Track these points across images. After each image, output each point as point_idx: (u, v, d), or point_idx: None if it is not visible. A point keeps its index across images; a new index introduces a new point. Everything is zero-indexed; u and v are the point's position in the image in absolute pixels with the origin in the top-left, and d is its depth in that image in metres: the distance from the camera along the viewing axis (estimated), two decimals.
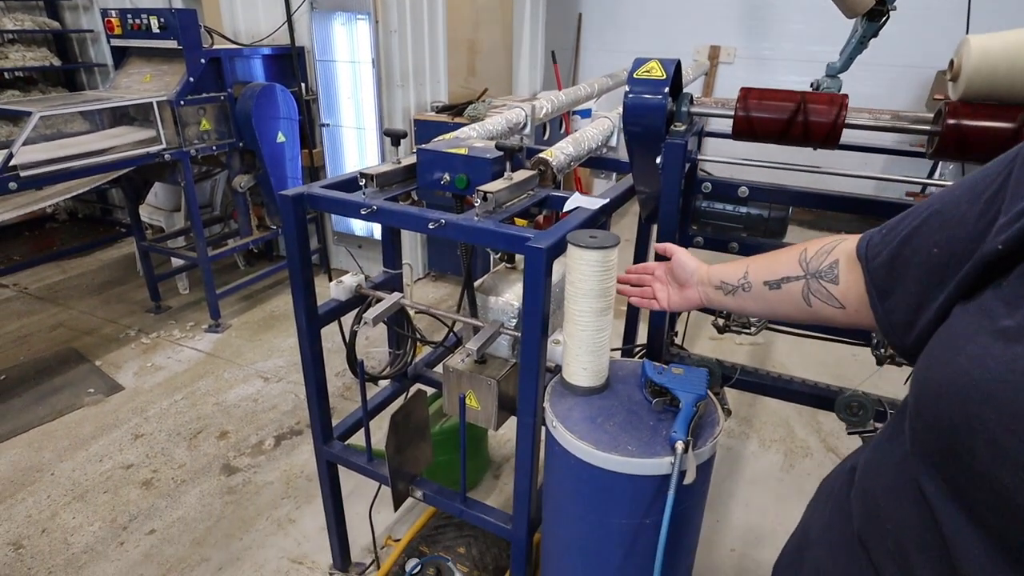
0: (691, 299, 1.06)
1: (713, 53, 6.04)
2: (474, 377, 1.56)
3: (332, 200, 1.38)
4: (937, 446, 0.52)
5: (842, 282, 0.80)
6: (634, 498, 0.97)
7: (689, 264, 1.05)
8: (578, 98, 2.43)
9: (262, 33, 3.94)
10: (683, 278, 1.07)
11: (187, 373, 3.13)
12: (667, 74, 1.20)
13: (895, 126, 1.16)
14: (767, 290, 0.92)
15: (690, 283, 1.05)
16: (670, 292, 1.10)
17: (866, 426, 1.44)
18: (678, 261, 1.07)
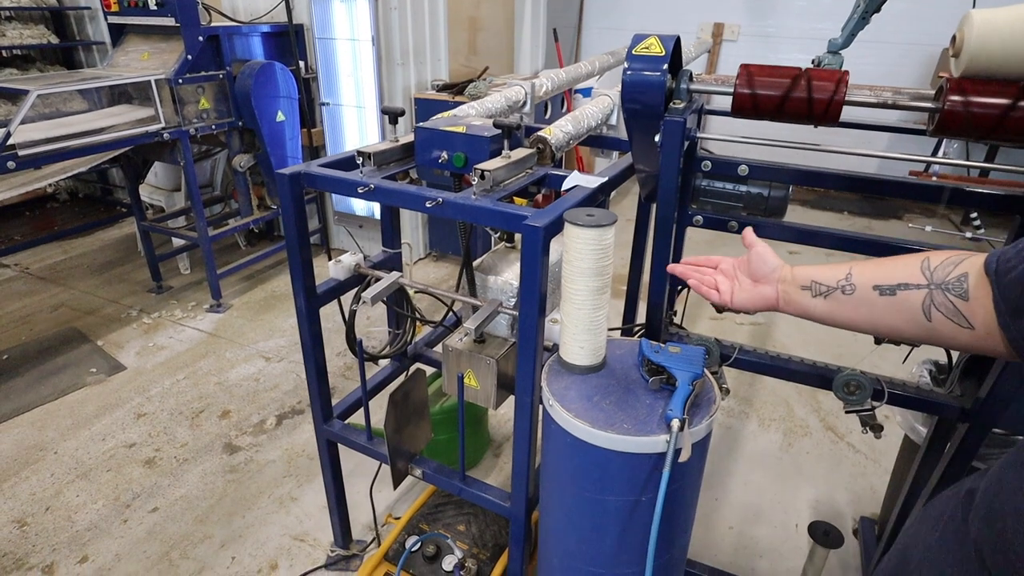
0: (766, 296, 0.95)
1: (717, 31, 5.96)
2: (473, 356, 1.56)
3: (330, 179, 1.37)
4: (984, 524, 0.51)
5: (972, 299, 0.72)
6: (630, 476, 0.98)
7: (771, 259, 0.96)
8: (578, 76, 2.40)
9: (260, 10, 3.89)
10: (762, 273, 0.96)
11: (189, 353, 3.15)
12: (666, 51, 1.18)
13: (896, 103, 1.14)
14: (876, 295, 0.82)
15: (769, 279, 0.95)
16: (736, 286, 1.00)
17: (863, 405, 1.44)
18: (758, 254, 0.97)
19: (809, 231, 1.47)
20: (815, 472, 2.45)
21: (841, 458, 2.54)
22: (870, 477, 2.41)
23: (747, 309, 0.99)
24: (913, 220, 5.23)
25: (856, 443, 2.62)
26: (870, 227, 5.38)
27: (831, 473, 2.45)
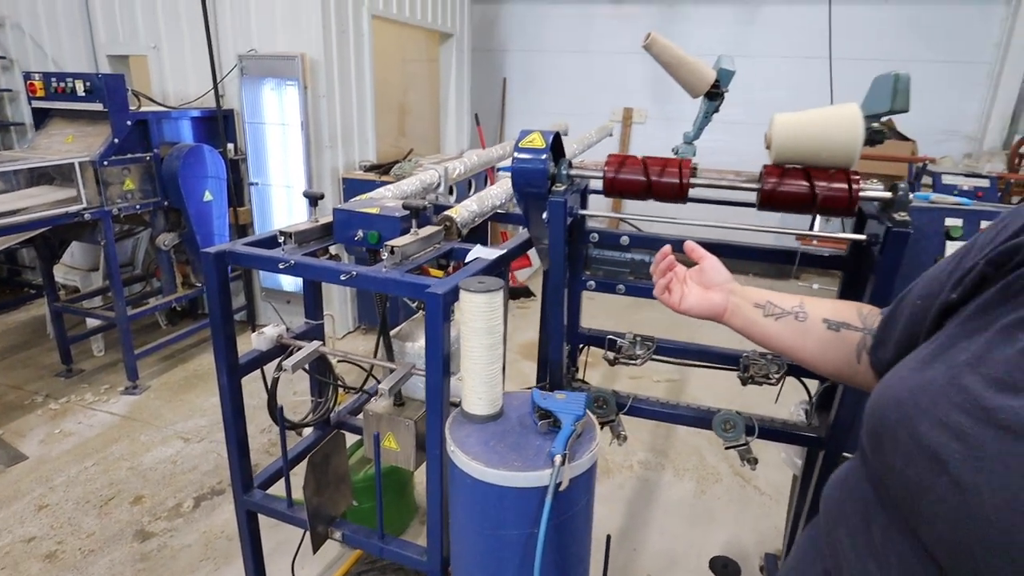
0: (714, 303, 1.03)
1: (627, 114, 6.55)
2: (392, 419, 1.67)
3: (253, 256, 1.49)
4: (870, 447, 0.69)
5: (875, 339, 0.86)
6: (523, 509, 1.10)
7: (724, 271, 1.05)
8: (491, 159, 2.65)
9: (191, 96, 4.04)
10: (715, 282, 1.05)
11: (99, 438, 3.04)
12: (546, 143, 1.40)
13: (731, 184, 1.40)
14: (824, 328, 0.93)
15: (721, 288, 1.04)
16: (687, 291, 1.06)
17: (739, 441, 1.64)
18: (712, 265, 1.06)
19: None
20: (725, 515, 2.62)
21: (748, 501, 2.72)
22: (773, 517, 2.60)
23: (694, 313, 1.06)
24: (807, 279, 5.75)
25: (762, 486, 2.82)
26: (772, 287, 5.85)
27: (740, 515, 2.63)
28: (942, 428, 0.59)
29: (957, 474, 0.56)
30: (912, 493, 0.61)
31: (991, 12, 5.18)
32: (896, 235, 1.18)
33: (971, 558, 0.55)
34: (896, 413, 0.65)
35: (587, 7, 6.30)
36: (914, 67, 5.22)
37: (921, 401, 0.63)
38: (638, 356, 1.69)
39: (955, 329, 0.68)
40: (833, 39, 4.38)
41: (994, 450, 0.55)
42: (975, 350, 0.63)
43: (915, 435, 0.62)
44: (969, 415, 0.58)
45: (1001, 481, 0.53)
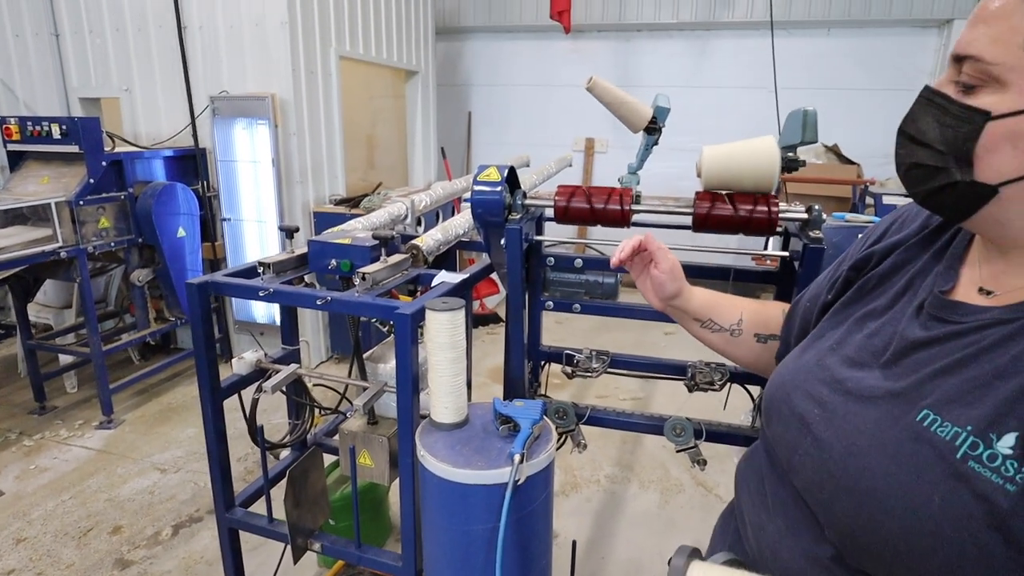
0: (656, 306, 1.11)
1: (589, 144, 6.81)
2: (367, 436, 1.77)
3: (233, 286, 1.60)
4: (764, 421, 0.85)
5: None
6: (487, 506, 1.22)
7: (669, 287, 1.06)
8: (455, 191, 2.81)
9: (163, 135, 4.14)
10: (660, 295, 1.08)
11: (75, 472, 3.06)
12: (502, 176, 1.56)
13: (668, 210, 1.57)
14: (754, 341, 1.06)
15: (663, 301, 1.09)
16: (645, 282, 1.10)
17: (689, 443, 1.78)
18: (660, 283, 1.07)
19: (632, 309, 1.86)
20: (689, 523, 2.75)
21: (711, 508, 2.86)
22: None
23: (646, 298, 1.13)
24: (766, 298, 6.00)
25: (723, 495, 2.96)
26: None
27: (703, 523, 2.76)
28: (808, 398, 0.76)
29: (817, 432, 0.73)
30: (788, 451, 0.77)
31: (924, 43, 5.59)
32: (812, 251, 1.36)
33: (827, 497, 0.70)
34: (780, 391, 0.82)
35: (547, 42, 6.59)
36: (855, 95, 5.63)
37: (796, 379, 0.80)
38: (594, 369, 1.84)
39: (824, 323, 0.86)
40: (778, 69, 4.71)
41: (841, 411, 0.71)
42: (836, 337, 0.80)
43: (790, 405, 0.78)
44: (827, 386, 0.75)
45: (844, 434, 0.69)
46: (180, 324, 4.01)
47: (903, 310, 0.74)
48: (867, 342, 0.75)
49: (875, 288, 0.80)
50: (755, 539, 0.83)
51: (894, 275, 0.79)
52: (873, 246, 0.85)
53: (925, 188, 0.67)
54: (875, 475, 0.64)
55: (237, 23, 3.92)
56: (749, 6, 5.72)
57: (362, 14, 4.59)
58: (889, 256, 0.80)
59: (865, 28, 5.64)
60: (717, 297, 1.11)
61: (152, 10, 4.05)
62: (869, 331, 0.76)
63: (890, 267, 0.79)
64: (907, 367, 0.68)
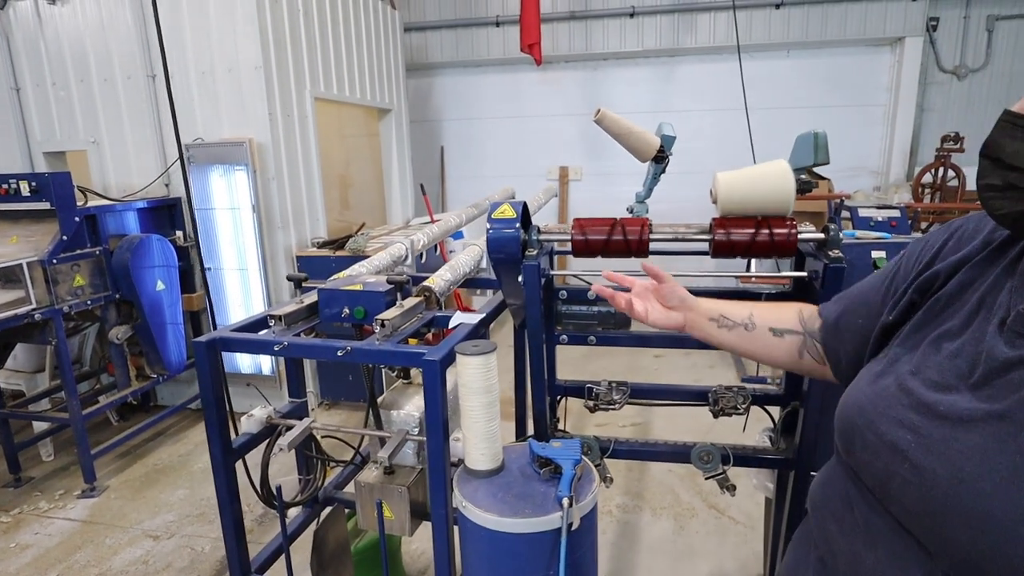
0: (674, 320, 1.15)
1: (563, 173, 6.88)
2: (385, 488, 1.70)
3: (245, 341, 1.54)
4: (843, 448, 0.83)
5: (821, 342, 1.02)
6: (538, 553, 1.18)
7: (679, 292, 1.15)
8: (449, 228, 2.79)
9: (135, 187, 4.04)
10: (673, 302, 1.16)
11: (60, 547, 2.88)
12: (517, 213, 1.55)
13: (685, 237, 1.58)
14: (770, 336, 1.07)
15: (679, 308, 1.15)
16: (651, 307, 1.17)
17: (717, 470, 1.76)
18: (670, 289, 1.16)
19: (650, 336, 1.84)
20: (706, 548, 2.71)
21: (726, 531, 2.83)
22: (751, 543, 2.71)
23: (659, 326, 1.18)
24: None
25: (736, 516, 2.93)
26: None
27: (720, 547, 2.72)
28: (898, 425, 0.74)
29: (915, 459, 0.71)
30: (882, 480, 0.75)
31: (879, 60, 5.84)
32: (833, 270, 1.37)
33: (938, 525, 0.68)
34: (861, 418, 0.80)
35: (515, 75, 6.69)
36: (820, 112, 5.82)
37: (879, 406, 0.78)
38: (616, 401, 1.81)
39: (897, 348, 0.84)
40: (747, 91, 4.85)
41: (938, 436, 0.70)
42: (914, 361, 0.79)
43: (877, 433, 0.76)
44: (916, 411, 0.73)
45: (947, 460, 0.68)
46: (162, 381, 3.86)
47: (982, 328, 0.73)
48: (950, 364, 0.74)
49: (944, 309, 0.80)
50: (850, 570, 0.80)
51: (963, 294, 0.78)
52: (933, 265, 0.85)
53: (1019, 210, 0.68)
54: (992, 500, 0.63)
55: (209, 69, 3.88)
56: (711, 32, 5.92)
57: (335, 54, 4.59)
58: (955, 275, 0.80)
59: (822, 49, 5.87)
60: (727, 303, 1.16)
61: (119, 60, 3.99)
62: (949, 352, 0.75)
63: (957, 286, 0.79)
64: (1002, 387, 0.67)
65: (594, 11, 6.13)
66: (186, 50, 3.85)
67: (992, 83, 5.72)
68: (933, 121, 5.86)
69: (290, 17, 4.02)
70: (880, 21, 5.56)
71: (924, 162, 5.63)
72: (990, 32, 5.60)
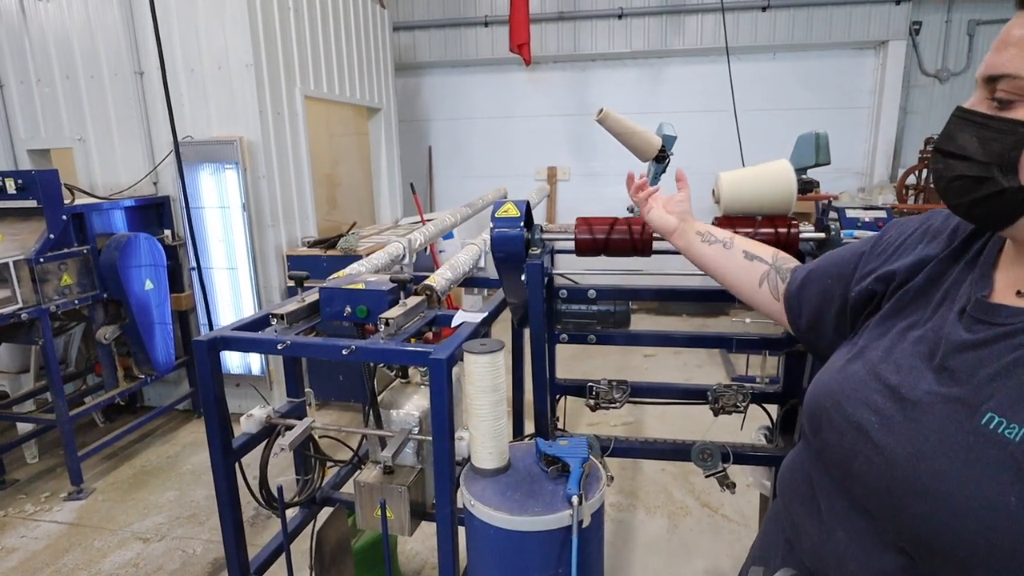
0: (669, 222, 1.27)
1: (551, 173, 6.89)
2: (385, 487, 1.70)
3: (246, 340, 1.53)
4: (810, 429, 0.85)
5: (785, 285, 1.09)
6: (547, 551, 1.18)
7: (686, 204, 1.28)
8: (445, 227, 2.79)
9: (122, 185, 3.98)
10: (676, 209, 1.27)
11: (48, 550, 2.83)
12: (521, 212, 1.55)
13: None
14: (742, 257, 1.16)
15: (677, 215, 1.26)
16: (654, 206, 1.30)
17: (717, 468, 1.78)
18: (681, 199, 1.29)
19: (648, 335, 1.86)
20: (700, 546, 2.74)
21: (719, 529, 2.85)
22: (745, 541, 2.74)
23: (653, 225, 1.30)
24: (737, 315, 6.14)
25: (729, 514, 2.96)
26: (705, 324, 6.22)
27: (714, 544, 2.75)
28: (864, 406, 0.78)
29: (877, 438, 0.74)
30: (845, 459, 0.78)
31: (863, 63, 5.92)
32: None
33: (896, 503, 0.71)
34: (829, 400, 0.83)
35: (504, 75, 6.69)
36: (805, 114, 5.88)
37: (847, 388, 0.81)
38: (616, 400, 1.82)
39: (866, 336, 0.87)
40: (734, 93, 4.89)
41: (899, 417, 0.73)
42: (882, 348, 0.82)
43: (844, 414, 0.80)
44: (880, 394, 0.77)
45: (907, 439, 0.72)
46: (151, 381, 3.81)
47: (943, 316, 0.77)
48: (913, 349, 0.77)
49: (912, 302, 0.83)
50: (814, 551, 0.83)
51: (930, 289, 0.82)
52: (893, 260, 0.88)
53: (970, 198, 0.71)
54: (948, 478, 0.66)
55: (198, 67, 3.83)
56: (699, 34, 5.97)
57: (324, 53, 4.56)
58: (922, 271, 0.83)
59: (808, 51, 5.95)
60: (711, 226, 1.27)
61: (106, 56, 3.93)
62: (913, 339, 0.78)
63: (924, 281, 0.82)
64: (960, 370, 0.71)
65: (583, 12, 6.15)
66: (174, 47, 3.80)
67: (973, 86, 5.77)
68: (916, 123, 5.96)
69: (280, 14, 3.98)
70: (864, 24, 5.64)
71: (907, 164, 5.73)
72: (971, 36, 5.70)
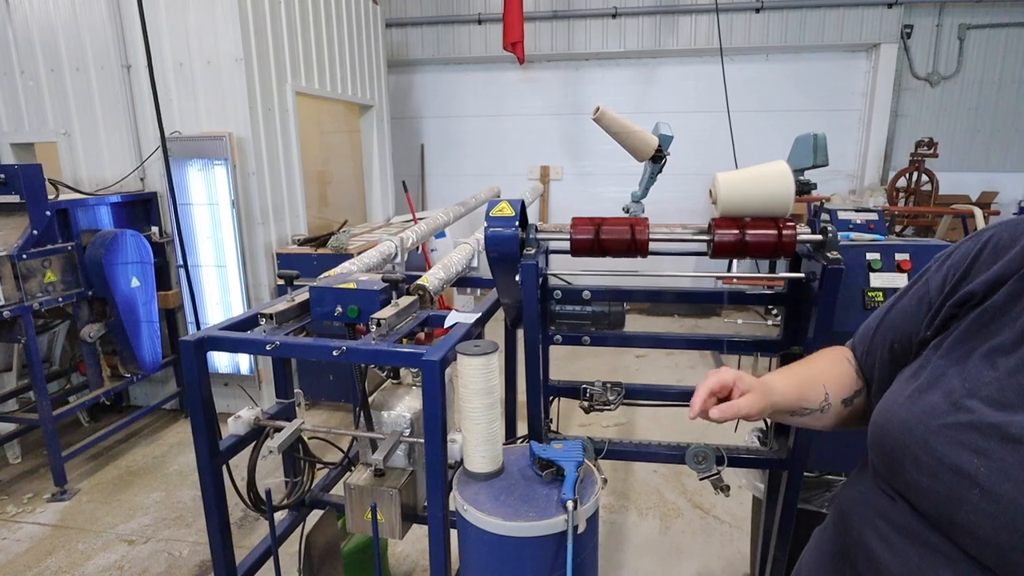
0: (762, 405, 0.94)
1: (544, 172, 6.87)
2: (376, 490, 1.67)
3: (234, 340, 1.49)
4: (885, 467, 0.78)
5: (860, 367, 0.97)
6: (541, 556, 1.16)
7: (747, 377, 0.95)
8: (437, 226, 2.76)
9: (107, 180, 3.92)
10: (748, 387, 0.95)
11: (30, 553, 2.77)
12: (516, 211, 1.53)
13: (683, 237, 1.57)
14: (843, 408, 0.97)
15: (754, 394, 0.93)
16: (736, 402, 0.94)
17: (712, 471, 1.76)
18: (739, 376, 0.95)
19: (642, 336, 1.84)
20: (692, 548, 2.73)
21: (711, 531, 2.85)
22: (736, 543, 2.73)
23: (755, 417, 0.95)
24: (728, 316, 6.14)
25: (721, 515, 2.96)
26: (697, 326, 6.22)
27: (705, 546, 2.74)
28: (960, 446, 0.70)
29: (987, 485, 0.67)
30: (946, 507, 0.70)
31: (855, 66, 5.95)
32: (832, 272, 1.37)
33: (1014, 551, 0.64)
34: (909, 437, 0.75)
35: (497, 73, 6.66)
36: (797, 115, 5.88)
37: (930, 424, 0.73)
38: (611, 402, 1.80)
39: (939, 360, 0.79)
40: (728, 94, 4.89)
41: (1012, 460, 0.66)
42: (966, 376, 0.74)
43: (934, 455, 0.71)
44: (980, 432, 0.69)
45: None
46: (137, 380, 3.75)
47: None
48: (1011, 381, 0.70)
49: (992, 321, 0.76)
50: None
51: (1011, 308, 0.75)
52: (968, 277, 0.82)
53: None
54: None
55: (187, 61, 3.77)
56: (692, 34, 5.97)
57: (316, 49, 4.51)
58: (1000, 288, 0.77)
59: (801, 54, 5.96)
60: (800, 383, 1.00)
61: (92, 49, 3.86)
62: (1007, 368, 0.71)
63: (1005, 298, 0.76)
64: None
65: (577, 11, 6.14)
66: (162, 40, 3.74)
67: (963, 90, 5.87)
68: (907, 126, 5.99)
69: (272, 8, 3.93)
70: (856, 27, 5.66)
71: (898, 166, 5.77)
72: (961, 40, 5.74)
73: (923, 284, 0.88)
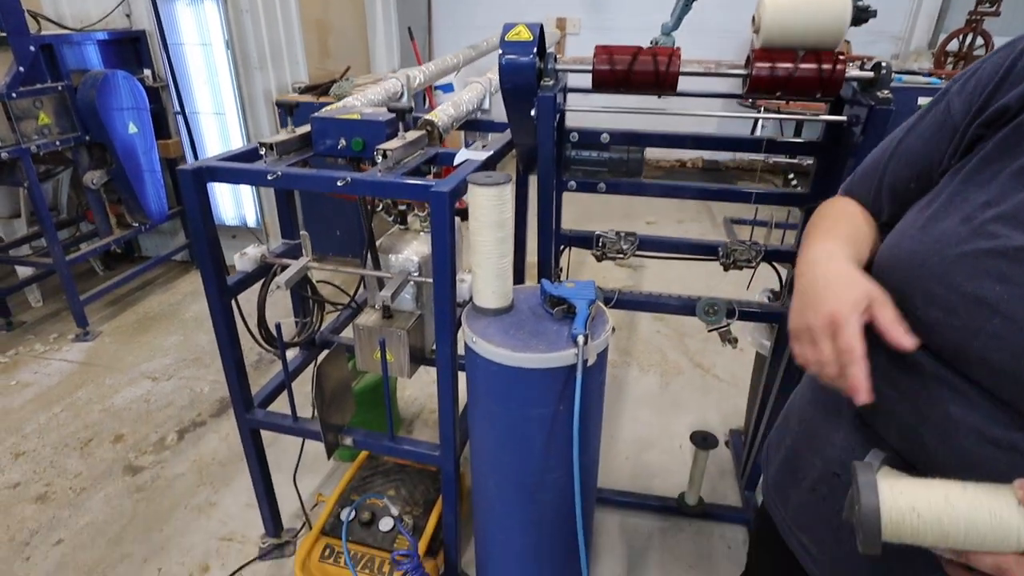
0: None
1: (560, 24, 6.37)
2: (384, 330, 1.68)
3: (234, 171, 1.43)
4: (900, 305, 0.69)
5: None
6: (549, 388, 1.17)
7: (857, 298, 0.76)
8: (447, 67, 2.57)
9: (92, 16, 3.64)
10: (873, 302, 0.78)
11: (61, 385, 2.92)
12: (534, 36, 1.39)
13: (718, 71, 1.44)
14: None
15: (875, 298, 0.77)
16: None
17: (721, 323, 1.76)
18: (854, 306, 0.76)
19: (659, 185, 1.76)
20: (690, 402, 2.83)
21: (709, 388, 2.94)
22: (733, 399, 2.83)
23: None
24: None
25: (720, 374, 3.04)
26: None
27: (703, 401, 2.85)
28: (980, 274, 0.64)
29: (1008, 311, 0.61)
30: (962, 338, 0.65)
31: None
32: (879, 113, 1.25)
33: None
34: (921, 269, 0.69)
35: None
36: None
37: (946, 253, 0.67)
38: (624, 251, 1.76)
39: (958, 185, 0.71)
40: None
41: None
42: (989, 198, 0.66)
43: (951, 285, 0.65)
44: (1005, 258, 0.62)
45: None
46: (144, 230, 3.73)
47: None
48: None
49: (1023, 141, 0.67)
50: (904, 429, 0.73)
51: None
52: (1000, 92, 0.70)
53: None
54: None
55: None
56: None
57: None
58: None
59: None
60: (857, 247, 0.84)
61: None
62: None
63: None
64: None
65: None
66: None
67: None
68: None
69: None
70: None
71: (950, 28, 5.28)
72: None
73: (943, 109, 0.77)
